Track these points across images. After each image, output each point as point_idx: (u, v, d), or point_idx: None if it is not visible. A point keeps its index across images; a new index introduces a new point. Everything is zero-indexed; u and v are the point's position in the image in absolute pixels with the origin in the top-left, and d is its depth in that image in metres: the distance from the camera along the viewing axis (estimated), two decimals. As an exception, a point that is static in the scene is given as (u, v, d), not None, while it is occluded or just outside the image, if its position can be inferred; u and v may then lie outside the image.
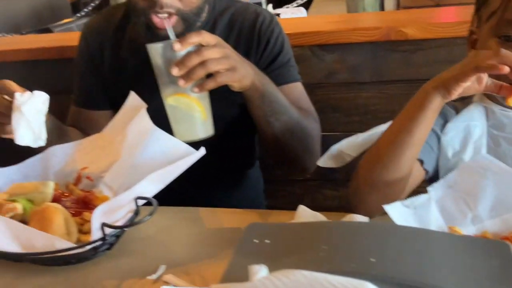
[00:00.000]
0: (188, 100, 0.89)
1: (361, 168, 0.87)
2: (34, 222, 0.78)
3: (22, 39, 1.91)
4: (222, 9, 1.13)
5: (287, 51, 1.13)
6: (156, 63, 0.88)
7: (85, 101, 1.21)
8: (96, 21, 1.21)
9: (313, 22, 1.59)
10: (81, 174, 0.95)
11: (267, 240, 0.49)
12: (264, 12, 1.13)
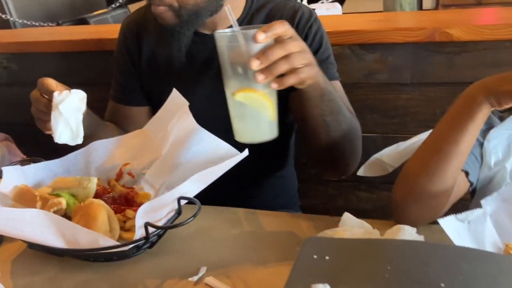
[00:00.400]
0: (259, 97, 0.80)
1: (403, 178, 0.83)
2: (77, 218, 0.79)
3: (60, 30, 1.93)
4: (260, 5, 1.11)
5: (326, 48, 1.10)
6: (224, 54, 0.80)
7: (122, 97, 1.22)
8: (134, 16, 1.21)
9: (354, 21, 1.55)
10: (122, 170, 0.95)
11: (327, 257, 0.47)
12: (303, 8, 1.10)
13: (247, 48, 0.77)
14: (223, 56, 0.80)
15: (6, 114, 1.87)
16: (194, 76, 1.12)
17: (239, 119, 0.84)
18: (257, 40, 0.75)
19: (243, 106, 0.81)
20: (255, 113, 0.82)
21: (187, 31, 1.03)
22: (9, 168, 0.87)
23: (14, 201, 0.84)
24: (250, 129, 0.84)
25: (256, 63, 0.75)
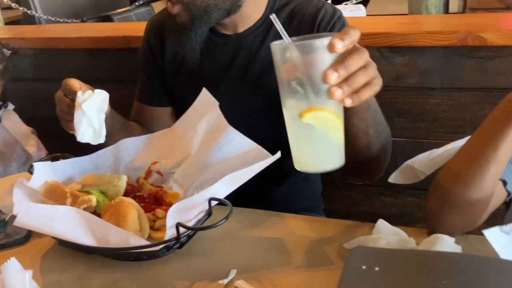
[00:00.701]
0: (330, 116, 0.68)
1: (439, 186, 0.81)
2: (107, 216, 0.78)
3: (86, 27, 1.94)
4: (282, 4, 1.10)
5: None
6: (283, 67, 0.68)
7: (147, 98, 1.22)
8: (158, 18, 1.21)
9: (383, 23, 1.53)
10: (151, 168, 0.95)
11: (377, 268, 0.46)
12: (327, 7, 1.08)
13: (314, 59, 0.66)
14: (280, 70, 0.69)
15: (32, 109, 1.88)
16: (215, 77, 1.11)
17: (305, 144, 0.72)
18: (336, 49, 0.64)
19: (311, 129, 0.68)
20: (324, 136, 0.70)
21: (199, 29, 1.03)
22: (40, 164, 0.87)
23: (44, 197, 0.83)
24: (318, 155, 0.72)
25: (334, 76, 0.64)
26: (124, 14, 2.88)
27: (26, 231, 0.87)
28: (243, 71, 1.10)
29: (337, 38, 0.65)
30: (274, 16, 0.73)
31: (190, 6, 0.99)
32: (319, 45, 0.65)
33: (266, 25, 1.09)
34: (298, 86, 0.67)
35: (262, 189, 1.16)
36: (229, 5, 1.01)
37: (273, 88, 1.09)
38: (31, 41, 1.75)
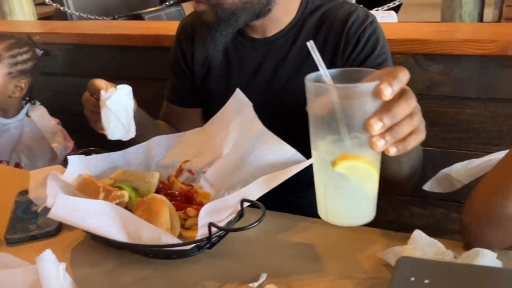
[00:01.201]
0: (367, 166, 0.62)
1: (476, 199, 0.78)
2: (139, 212, 0.78)
3: (118, 24, 1.95)
4: (314, 8, 1.08)
5: (382, 53, 1.05)
6: (317, 106, 0.62)
7: (176, 98, 1.22)
8: (189, 19, 1.21)
9: (418, 30, 1.50)
10: (182, 167, 0.95)
11: (426, 280, 0.44)
12: (359, 12, 1.06)
13: (355, 104, 0.59)
14: (318, 110, 0.62)
15: (63, 103, 1.91)
16: (244, 80, 1.10)
17: (333, 194, 0.65)
18: (383, 97, 0.57)
19: (343, 179, 0.62)
20: (356, 188, 0.63)
21: (224, 30, 1.02)
22: (74, 157, 0.87)
23: (77, 191, 0.83)
24: (347, 208, 0.66)
25: (378, 126, 0.57)
26: (154, 13, 2.91)
27: (57, 224, 0.88)
28: (272, 75, 1.09)
29: (385, 83, 0.58)
30: (311, 44, 0.66)
31: (217, 8, 0.98)
32: (363, 90, 0.58)
33: (296, 29, 1.07)
34: (334, 129, 0.61)
35: (288, 193, 1.14)
36: (258, 8, 1.00)
37: (301, 93, 1.08)
38: (64, 36, 1.78)
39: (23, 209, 0.93)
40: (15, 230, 0.86)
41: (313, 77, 0.63)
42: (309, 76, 0.63)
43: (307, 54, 1.07)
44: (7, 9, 3.11)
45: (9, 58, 1.47)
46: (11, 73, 1.47)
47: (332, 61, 1.05)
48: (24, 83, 1.50)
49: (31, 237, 0.85)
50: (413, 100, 0.61)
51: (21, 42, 1.52)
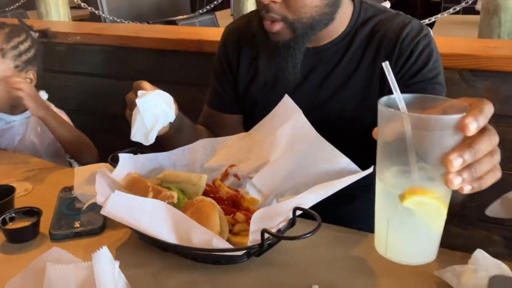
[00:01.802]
0: (436, 203, 0.58)
1: None
2: (188, 214, 0.76)
3: (157, 28, 1.96)
4: (367, 19, 1.06)
5: (434, 68, 1.02)
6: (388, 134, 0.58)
7: (217, 104, 1.21)
8: (236, 25, 1.20)
9: (466, 45, 1.47)
10: (228, 171, 0.93)
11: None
12: (414, 23, 1.04)
13: (432, 136, 0.54)
14: (388, 138, 0.58)
15: (98, 104, 1.92)
16: (290, 90, 1.08)
17: (397, 230, 0.61)
18: (468, 132, 0.53)
19: (410, 214, 0.58)
20: (423, 226, 0.59)
21: (302, 46, 1.00)
22: (125, 155, 0.86)
23: (124, 189, 0.82)
24: (410, 245, 0.61)
25: (458, 163, 0.53)
26: (188, 20, 2.92)
27: (101, 222, 0.87)
28: (319, 85, 1.07)
29: (471, 118, 0.53)
30: (386, 64, 0.62)
31: (296, 24, 0.95)
32: (443, 122, 0.54)
33: (348, 40, 1.05)
34: (403, 160, 0.56)
35: (329, 205, 1.12)
36: (327, 19, 0.99)
37: (348, 104, 1.06)
38: (105, 37, 1.80)
39: (67, 206, 0.92)
40: (60, 226, 0.85)
41: (386, 101, 0.59)
42: (382, 100, 0.59)
43: (357, 65, 1.04)
44: (44, 10, 3.17)
45: (12, 50, 1.34)
46: (18, 66, 1.36)
47: (382, 73, 1.03)
48: (33, 74, 1.39)
49: (75, 234, 0.84)
50: (496, 137, 0.57)
51: (16, 30, 1.39)
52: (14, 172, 1.12)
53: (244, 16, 1.22)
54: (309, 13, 0.95)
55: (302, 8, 0.93)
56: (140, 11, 3.90)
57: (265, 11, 0.95)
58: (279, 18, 0.95)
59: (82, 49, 1.88)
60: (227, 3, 3.87)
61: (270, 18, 0.96)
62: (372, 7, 1.08)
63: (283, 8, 0.94)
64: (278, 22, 0.96)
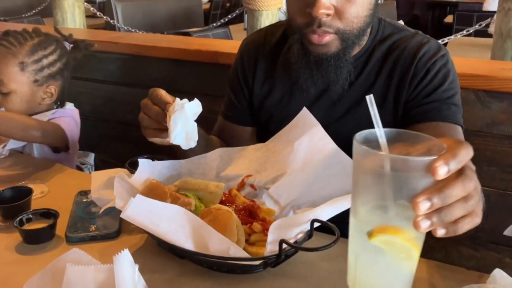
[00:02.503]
0: (406, 244, 0.55)
1: None
2: (206, 222, 0.76)
3: (174, 39, 1.98)
4: (385, 36, 1.07)
5: (451, 88, 1.02)
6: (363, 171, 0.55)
7: (231, 116, 1.21)
8: (253, 38, 1.21)
9: (482, 66, 1.47)
10: (245, 181, 0.93)
11: None
12: (431, 43, 1.04)
13: (406, 177, 0.52)
14: (362, 175, 0.55)
15: (112, 111, 1.94)
16: (306, 103, 1.08)
17: (365, 267, 0.59)
18: (437, 177, 0.50)
19: (379, 253, 0.55)
20: (392, 265, 0.57)
21: (349, 57, 1.00)
22: (145, 161, 0.87)
23: (142, 195, 0.82)
24: (378, 285, 0.58)
25: (425, 206, 0.51)
26: (202, 32, 2.95)
27: (117, 227, 0.87)
28: (336, 100, 1.07)
29: (442, 161, 0.50)
30: (370, 98, 0.60)
31: (347, 35, 0.95)
32: (416, 165, 0.51)
33: (366, 57, 1.06)
34: (377, 196, 0.54)
35: (347, 219, 1.11)
36: (367, 30, 1.00)
37: (363, 120, 1.05)
38: (122, 46, 1.82)
39: (83, 209, 0.93)
40: (76, 229, 0.86)
41: (364, 136, 0.56)
42: (358, 136, 0.56)
43: (373, 82, 1.05)
44: (60, 18, 3.21)
45: (33, 64, 1.32)
46: (38, 81, 1.33)
47: (398, 90, 1.03)
48: (54, 88, 1.36)
49: (91, 238, 0.84)
50: (470, 183, 0.53)
51: (46, 42, 1.36)
52: (30, 174, 1.13)
53: (262, 30, 1.23)
54: (360, 23, 0.95)
55: (355, 19, 0.93)
56: (154, 22, 3.95)
57: (316, 26, 0.93)
58: (331, 31, 0.93)
59: (99, 57, 1.90)
60: (240, 17, 3.91)
61: (322, 32, 0.93)
62: (390, 25, 1.09)
63: (336, 20, 0.93)
64: (329, 34, 0.94)
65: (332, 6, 0.91)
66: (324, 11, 0.90)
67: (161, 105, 0.84)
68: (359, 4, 0.92)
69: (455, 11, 4.30)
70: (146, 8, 3.97)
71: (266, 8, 2.63)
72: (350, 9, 0.92)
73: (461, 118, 1.03)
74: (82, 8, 3.19)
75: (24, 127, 1.16)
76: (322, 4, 0.89)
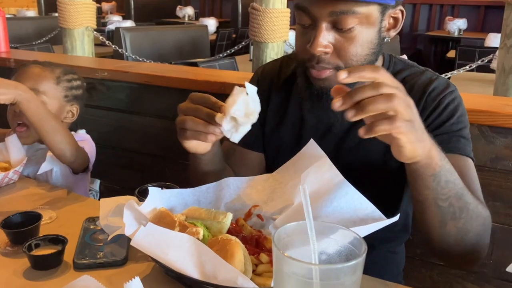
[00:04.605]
0: None
1: None
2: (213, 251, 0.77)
3: (181, 69, 2.02)
4: (396, 72, 1.09)
5: (459, 122, 1.03)
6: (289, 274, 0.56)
7: (243, 139, 1.22)
8: (269, 67, 1.23)
9: (486, 102, 1.49)
10: (252, 211, 0.94)
11: None
12: (440, 80, 1.06)
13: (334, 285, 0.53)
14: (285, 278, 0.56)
15: (118, 139, 1.96)
16: (318, 135, 1.09)
17: None
18: (339, 78, 0.71)
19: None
20: None
21: None
22: (154, 189, 0.88)
23: (151, 223, 0.83)
24: None
25: (338, 103, 0.72)
26: (209, 63, 3.01)
27: (124, 254, 0.87)
28: (345, 133, 1.08)
29: (344, 70, 0.72)
30: (304, 188, 0.64)
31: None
32: (346, 270, 0.54)
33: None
34: None
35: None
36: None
37: (374, 151, 1.07)
38: (132, 75, 1.85)
39: (90, 236, 0.93)
40: (84, 255, 0.86)
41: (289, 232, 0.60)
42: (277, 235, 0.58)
43: None
44: (69, 46, 3.27)
45: (66, 82, 1.47)
46: (67, 97, 1.46)
47: None
48: (76, 109, 1.49)
49: (98, 265, 0.85)
50: (384, 89, 0.72)
51: (71, 70, 1.53)
52: (38, 199, 1.14)
53: (278, 60, 1.26)
54: (359, 61, 0.96)
55: (354, 57, 0.95)
56: (162, 51, 4.02)
57: (315, 62, 0.96)
58: (330, 67, 0.96)
59: (108, 85, 1.93)
60: (246, 48, 3.99)
61: (320, 68, 0.96)
62: (400, 62, 1.11)
63: (335, 58, 0.95)
64: (328, 69, 0.96)
65: (330, 45, 0.94)
66: (322, 49, 0.93)
67: (213, 107, 0.85)
68: (358, 43, 0.94)
69: (458, 46, 4.38)
70: (154, 38, 4.06)
71: (272, 41, 2.68)
72: (349, 48, 0.94)
73: (471, 152, 1.04)
74: (91, 36, 3.26)
75: (55, 128, 1.25)
76: (319, 43, 0.92)
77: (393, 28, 1.02)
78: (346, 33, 0.93)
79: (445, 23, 5.65)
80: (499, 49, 2.13)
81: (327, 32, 0.93)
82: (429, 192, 0.83)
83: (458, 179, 0.87)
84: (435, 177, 0.82)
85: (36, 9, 6.69)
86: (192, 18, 6.58)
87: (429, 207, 0.85)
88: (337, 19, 0.91)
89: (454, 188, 0.85)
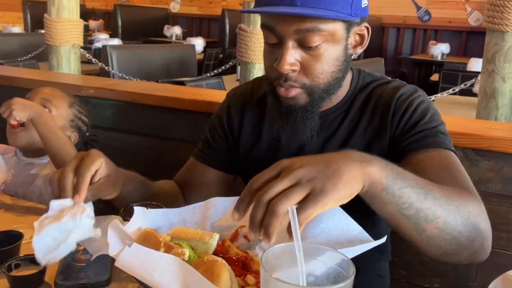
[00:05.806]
0: None
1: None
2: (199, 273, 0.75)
3: (168, 88, 2.02)
4: (365, 85, 1.11)
5: (434, 120, 1.03)
6: None
7: (205, 156, 1.21)
8: (242, 89, 1.24)
9: (469, 125, 1.52)
10: (239, 231, 0.93)
11: None
12: (408, 87, 1.08)
13: None
14: None
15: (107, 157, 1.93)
16: (292, 152, 1.10)
17: None
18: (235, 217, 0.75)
19: None
20: None
21: (317, 110, 1.03)
22: (140, 209, 0.87)
23: (135, 243, 0.82)
24: None
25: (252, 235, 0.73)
26: (196, 82, 3.02)
27: (107, 275, 0.86)
28: (320, 148, 1.09)
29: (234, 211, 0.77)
30: (292, 209, 0.67)
31: (313, 89, 0.98)
32: None
33: (347, 105, 1.09)
34: None
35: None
36: (339, 84, 1.03)
37: None
38: (118, 93, 1.84)
39: (72, 256, 0.91)
40: (66, 276, 0.84)
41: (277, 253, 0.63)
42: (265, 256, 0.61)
43: (354, 130, 1.08)
44: (55, 63, 3.26)
45: (77, 111, 1.55)
46: (73, 121, 1.53)
47: (379, 133, 1.06)
48: (75, 137, 1.54)
49: (81, 285, 0.83)
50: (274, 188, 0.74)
51: (85, 108, 1.61)
52: (22, 218, 1.12)
53: (249, 82, 1.27)
54: (326, 78, 0.98)
55: (320, 75, 0.97)
56: (148, 70, 4.02)
57: (282, 80, 0.98)
58: (297, 85, 0.98)
59: (94, 103, 1.92)
60: (233, 68, 4.01)
61: (288, 86, 0.98)
62: (369, 75, 1.14)
63: (301, 76, 0.97)
64: (295, 88, 0.98)
65: (296, 62, 0.96)
66: (288, 68, 0.95)
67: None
68: (324, 61, 0.96)
69: (441, 70, 4.46)
70: (140, 56, 4.06)
71: (259, 61, 2.71)
72: (316, 65, 0.96)
73: (452, 146, 1.02)
74: (78, 54, 3.25)
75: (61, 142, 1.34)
76: (286, 61, 0.94)
77: (359, 45, 1.04)
78: (312, 50, 0.95)
79: (428, 47, 5.77)
80: (481, 74, 2.19)
81: (293, 50, 0.95)
82: (389, 207, 0.77)
83: (415, 180, 0.80)
84: (387, 191, 0.76)
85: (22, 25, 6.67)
86: (179, 38, 6.60)
87: (398, 220, 0.79)
88: (303, 37, 0.93)
89: (412, 192, 0.78)
